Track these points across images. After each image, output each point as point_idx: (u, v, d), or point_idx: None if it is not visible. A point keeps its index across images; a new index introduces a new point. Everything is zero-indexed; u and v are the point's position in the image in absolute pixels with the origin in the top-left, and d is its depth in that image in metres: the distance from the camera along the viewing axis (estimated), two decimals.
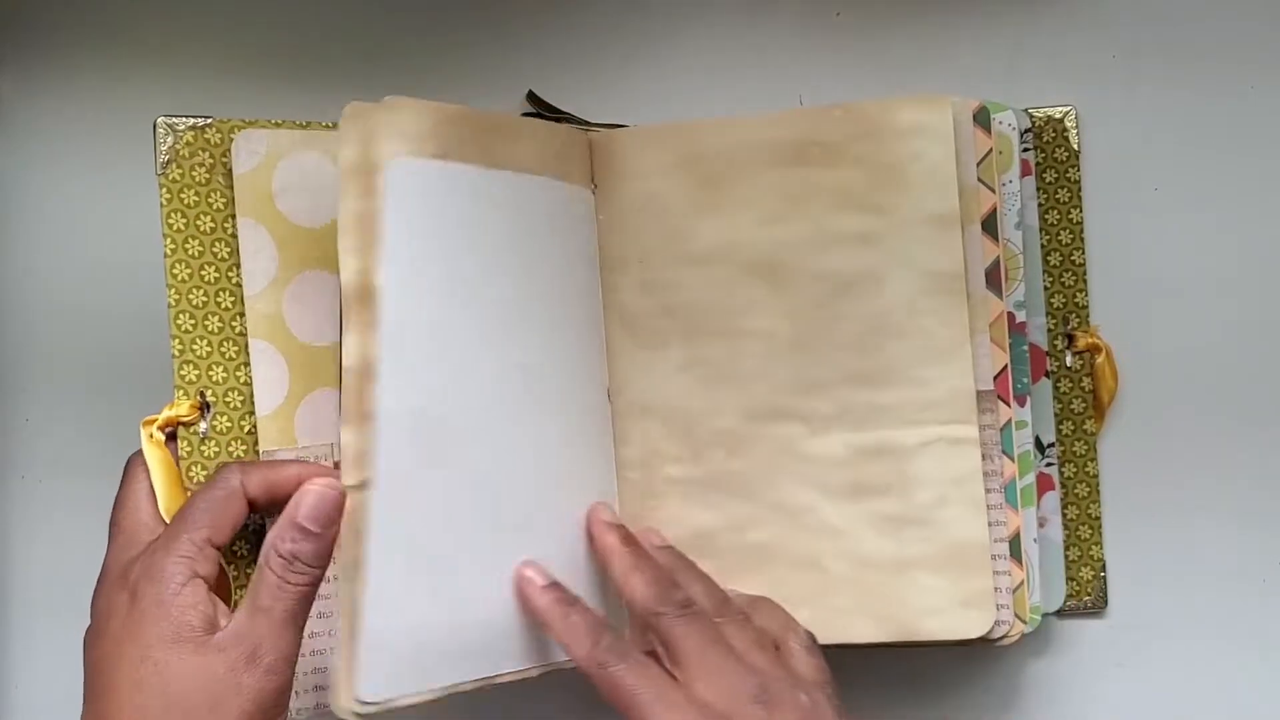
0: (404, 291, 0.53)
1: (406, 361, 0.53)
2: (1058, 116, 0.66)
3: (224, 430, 0.57)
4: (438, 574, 0.55)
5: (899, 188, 0.59)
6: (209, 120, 0.57)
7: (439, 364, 0.54)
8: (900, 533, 0.59)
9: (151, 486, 0.54)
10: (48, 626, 0.68)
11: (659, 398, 0.62)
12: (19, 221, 0.69)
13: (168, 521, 0.54)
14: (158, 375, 0.60)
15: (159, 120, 0.57)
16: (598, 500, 0.60)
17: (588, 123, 0.65)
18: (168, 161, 0.56)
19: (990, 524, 0.59)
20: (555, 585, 0.55)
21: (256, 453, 0.57)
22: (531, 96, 0.68)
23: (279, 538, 0.51)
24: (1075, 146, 0.66)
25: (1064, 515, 0.67)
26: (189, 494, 0.55)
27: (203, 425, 0.56)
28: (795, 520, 0.61)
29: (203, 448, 0.57)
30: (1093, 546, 0.67)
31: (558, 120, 0.67)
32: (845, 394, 0.60)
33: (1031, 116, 0.66)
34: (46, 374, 0.69)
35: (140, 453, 0.55)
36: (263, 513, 0.55)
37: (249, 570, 0.57)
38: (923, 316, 0.59)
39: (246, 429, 0.57)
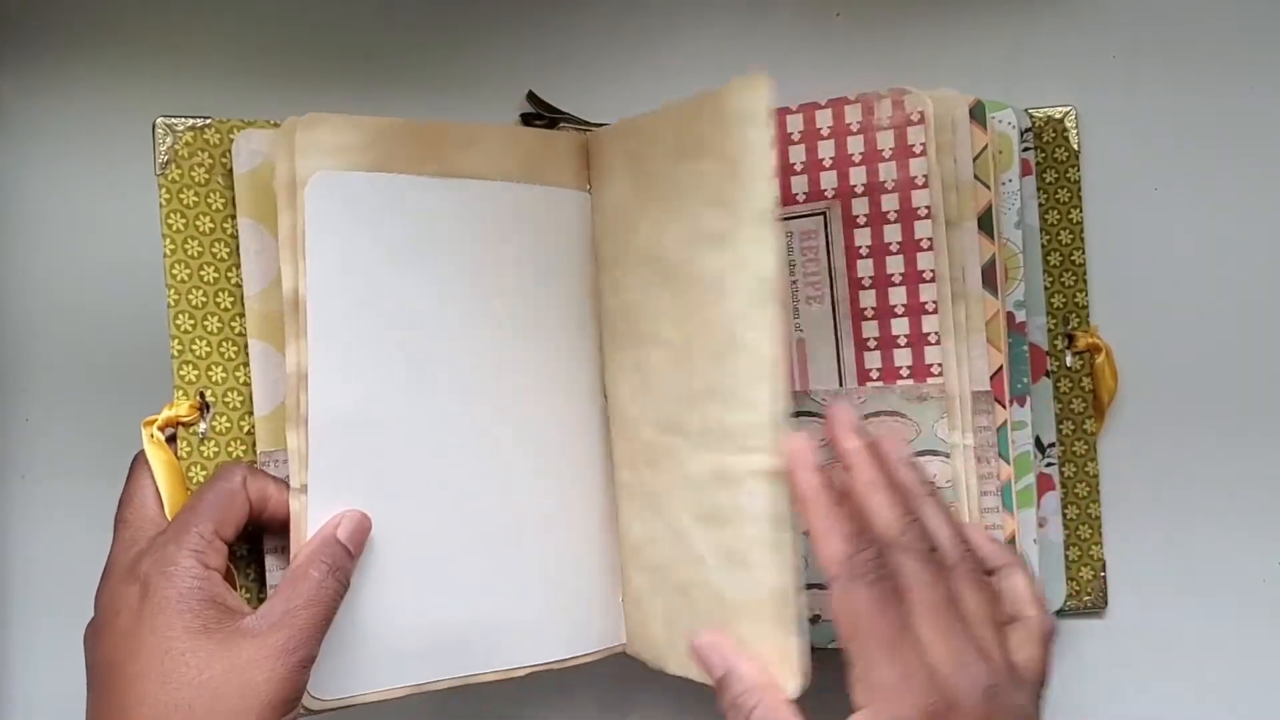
0: (328, 301, 0.55)
1: (333, 369, 0.55)
2: (1058, 116, 0.66)
3: (223, 431, 0.57)
4: (386, 576, 0.56)
5: (738, 181, 0.53)
6: (208, 121, 0.57)
7: (373, 371, 0.56)
8: (732, 571, 0.54)
9: (157, 484, 0.54)
10: (47, 626, 0.68)
11: (618, 401, 0.62)
12: (18, 221, 0.69)
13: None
14: (157, 375, 0.60)
15: (158, 121, 0.57)
16: (840, 402, 0.55)
17: (587, 123, 0.65)
18: (167, 162, 0.56)
19: (987, 528, 0.59)
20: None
21: (256, 454, 0.57)
22: (531, 96, 0.68)
23: (319, 551, 0.53)
24: (1075, 146, 0.66)
25: (1064, 515, 0.67)
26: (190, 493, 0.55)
27: (202, 425, 0.56)
28: (680, 543, 0.57)
29: (202, 448, 0.56)
30: (1093, 546, 0.67)
31: (557, 120, 0.67)
32: (707, 410, 0.55)
33: (1031, 116, 0.66)
34: (46, 374, 0.69)
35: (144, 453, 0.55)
36: (251, 522, 0.55)
37: (248, 570, 0.57)
38: (751, 329, 0.53)
39: (246, 429, 0.57)
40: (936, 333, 0.58)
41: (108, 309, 0.68)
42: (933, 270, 0.58)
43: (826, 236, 0.60)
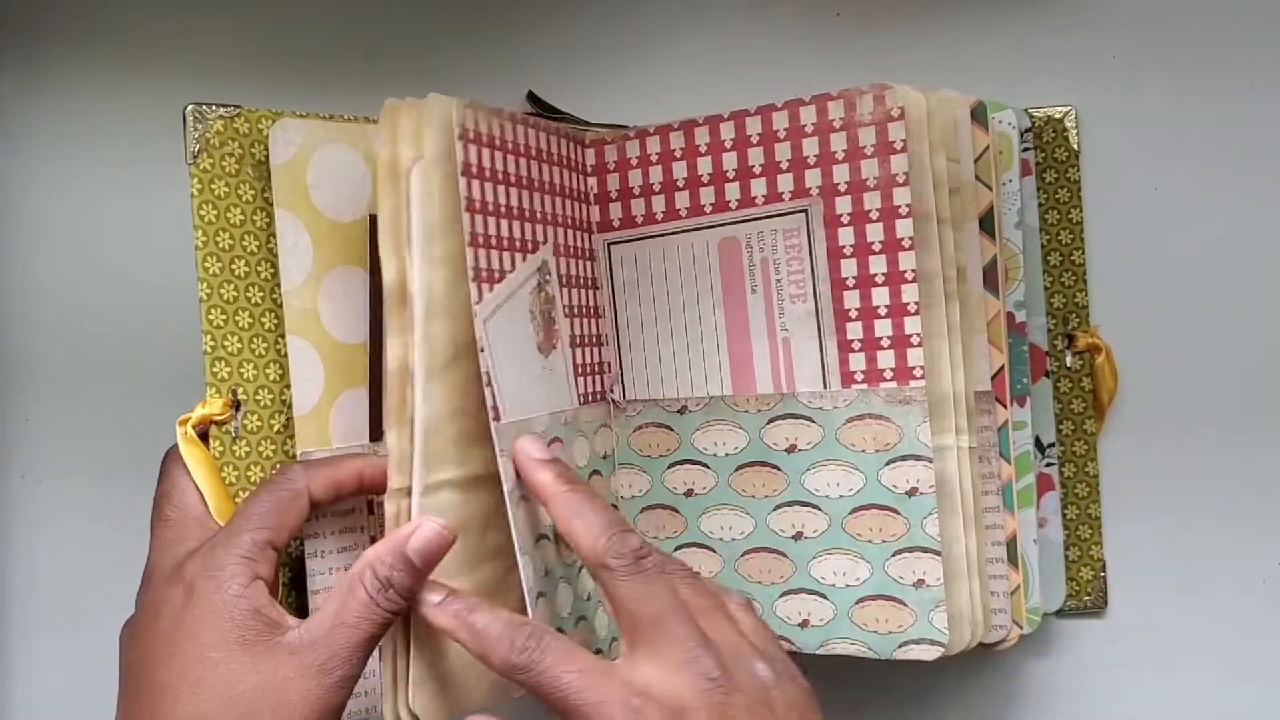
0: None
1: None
2: (1058, 116, 0.66)
3: (254, 429, 0.55)
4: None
5: None
6: (238, 109, 0.56)
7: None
8: None
9: (196, 482, 0.52)
10: (48, 626, 0.68)
11: None
12: (18, 222, 0.69)
13: (219, 521, 0.52)
14: (158, 375, 0.60)
15: (189, 108, 0.54)
16: (525, 433, 0.53)
17: (587, 123, 0.65)
18: (199, 151, 0.54)
19: (987, 527, 0.59)
20: (452, 594, 0.50)
21: (285, 452, 0.56)
22: (531, 96, 0.68)
23: (380, 560, 0.49)
24: (1075, 146, 0.66)
25: (1064, 515, 0.67)
26: (232, 493, 0.54)
27: (234, 423, 0.55)
28: None
29: (234, 446, 0.55)
30: (1093, 546, 0.67)
31: (557, 120, 0.67)
32: None
33: (1031, 116, 0.66)
34: (46, 374, 0.69)
35: (177, 448, 0.53)
36: (322, 511, 0.53)
37: (282, 576, 0.56)
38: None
39: (275, 428, 0.56)
40: (919, 334, 0.57)
41: (108, 309, 0.68)
42: (914, 270, 0.57)
43: (808, 235, 0.60)
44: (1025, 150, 0.65)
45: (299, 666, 0.48)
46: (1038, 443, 0.65)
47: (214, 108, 0.55)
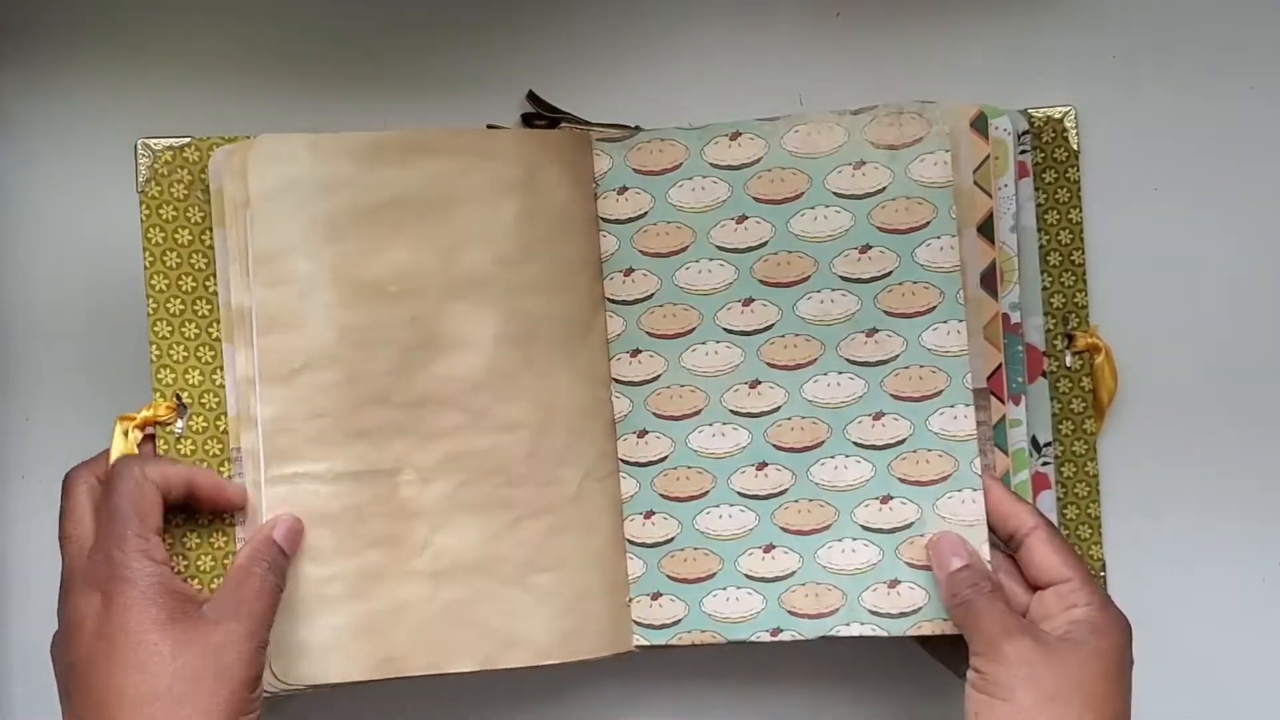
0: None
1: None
2: (1058, 116, 0.66)
3: (200, 430, 0.60)
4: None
5: None
6: (187, 140, 0.60)
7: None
8: None
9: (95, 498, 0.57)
10: (48, 626, 0.68)
11: None
12: (19, 221, 0.69)
13: None
14: None
15: (138, 142, 0.60)
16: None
17: (588, 123, 0.66)
18: (147, 180, 0.60)
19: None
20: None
21: (232, 448, 0.60)
22: (531, 96, 0.68)
23: (259, 549, 0.56)
24: (1075, 146, 0.66)
25: (1063, 515, 0.66)
26: None
27: (179, 425, 0.60)
28: None
29: (179, 446, 0.60)
30: (1092, 546, 0.67)
31: (558, 120, 0.67)
32: None
33: (1031, 117, 0.66)
34: (46, 374, 0.69)
35: (77, 470, 0.58)
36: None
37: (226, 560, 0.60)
38: None
39: (222, 428, 0.60)
40: None
41: (108, 309, 0.68)
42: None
43: None
44: (1023, 152, 0.65)
45: (228, 633, 0.53)
46: (1034, 442, 0.65)
47: (162, 140, 0.60)
